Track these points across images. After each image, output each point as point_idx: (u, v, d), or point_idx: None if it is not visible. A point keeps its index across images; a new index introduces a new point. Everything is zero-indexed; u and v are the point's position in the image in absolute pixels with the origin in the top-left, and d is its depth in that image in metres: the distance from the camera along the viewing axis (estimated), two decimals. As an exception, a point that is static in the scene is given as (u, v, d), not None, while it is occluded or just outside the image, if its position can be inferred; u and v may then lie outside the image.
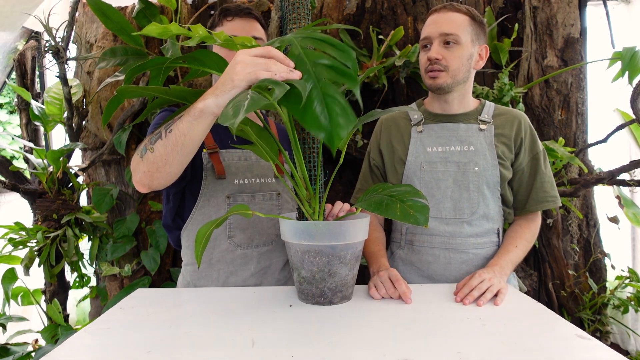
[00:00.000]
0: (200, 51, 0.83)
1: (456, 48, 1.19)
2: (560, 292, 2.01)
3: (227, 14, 1.24)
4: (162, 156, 0.89)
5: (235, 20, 1.23)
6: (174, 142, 0.87)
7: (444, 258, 1.24)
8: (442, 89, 1.23)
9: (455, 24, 1.19)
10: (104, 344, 0.80)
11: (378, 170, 1.39)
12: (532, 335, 0.80)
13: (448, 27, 1.19)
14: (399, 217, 0.83)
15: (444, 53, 1.20)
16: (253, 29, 1.24)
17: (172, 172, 0.93)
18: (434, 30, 1.20)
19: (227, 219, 0.97)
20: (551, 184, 1.27)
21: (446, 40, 1.19)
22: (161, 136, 0.88)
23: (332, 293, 0.97)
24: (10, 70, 2.34)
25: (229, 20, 1.23)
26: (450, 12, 1.20)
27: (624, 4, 2.33)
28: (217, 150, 1.22)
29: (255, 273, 1.24)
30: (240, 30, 1.22)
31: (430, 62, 1.21)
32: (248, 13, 1.24)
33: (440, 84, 1.22)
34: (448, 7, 1.21)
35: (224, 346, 0.77)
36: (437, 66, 1.20)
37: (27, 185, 2.02)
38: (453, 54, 1.20)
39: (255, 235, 1.25)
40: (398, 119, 1.35)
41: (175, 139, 0.86)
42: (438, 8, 1.23)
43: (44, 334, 1.93)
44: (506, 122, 1.26)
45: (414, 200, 0.86)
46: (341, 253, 0.95)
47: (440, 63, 1.20)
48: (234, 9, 1.24)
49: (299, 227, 0.94)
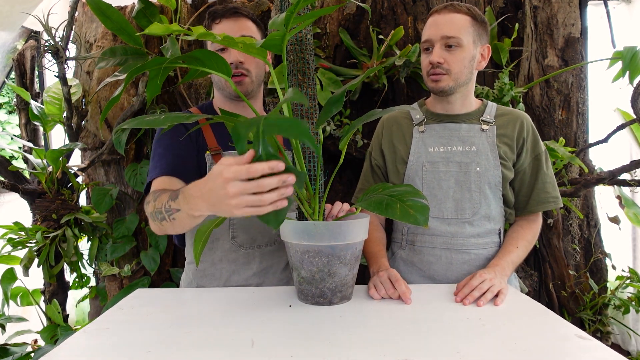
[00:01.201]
0: (201, 51, 0.82)
1: (458, 51, 1.18)
2: (560, 292, 2.00)
3: (215, 16, 1.22)
4: (169, 227, 0.99)
5: (223, 22, 1.21)
6: (178, 225, 0.96)
7: (445, 258, 1.24)
8: (445, 92, 1.23)
9: (456, 26, 1.18)
10: (103, 344, 0.79)
11: (379, 170, 1.38)
12: (532, 336, 0.80)
13: (449, 29, 1.17)
14: (399, 217, 0.83)
15: (445, 56, 1.19)
16: (243, 27, 1.22)
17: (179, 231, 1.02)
18: (435, 33, 1.19)
19: (226, 218, 0.97)
20: (553, 184, 1.26)
21: (448, 44, 1.18)
22: (165, 219, 0.97)
23: (332, 293, 0.97)
24: (9, 70, 2.34)
25: (217, 23, 1.22)
26: (451, 13, 1.19)
27: (624, 4, 2.33)
28: (220, 152, 1.22)
29: (257, 272, 1.24)
30: (229, 31, 1.20)
31: (432, 66, 1.20)
32: (235, 12, 1.22)
33: (442, 87, 1.21)
34: (449, 7, 1.20)
35: (223, 346, 0.77)
36: (439, 70, 1.20)
37: (26, 185, 2.01)
38: (455, 57, 1.19)
39: (258, 235, 1.24)
40: (400, 119, 1.35)
41: (177, 223, 0.95)
42: (439, 9, 1.21)
43: (43, 334, 1.93)
44: (508, 123, 1.26)
45: (414, 200, 0.86)
46: (341, 253, 0.94)
47: (442, 66, 1.19)
48: (220, 11, 1.22)
49: (298, 227, 0.94)
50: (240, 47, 0.87)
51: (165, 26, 0.77)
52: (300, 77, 1.01)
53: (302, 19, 0.86)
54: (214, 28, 1.22)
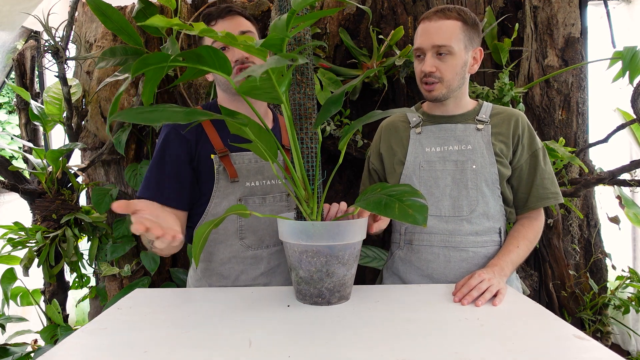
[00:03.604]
0: (204, 47, 0.81)
1: (449, 58, 1.19)
2: (560, 292, 2.00)
3: (210, 18, 1.22)
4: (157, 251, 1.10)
5: (219, 22, 1.21)
6: (157, 251, 1.08)
7: (443, 256, 1.24)
8: (438, 99, 1.24)
9: (446, 34, 1.17)
10: (101, 344, 0.79)
11: (376, 174, 1.41)
12: (530, 336, 0.80)
13: (439, 38, 1.17)
14: (398, 216, 0.82)
15: (437, 64, 1.20)
16: (238, 25, 1.22)
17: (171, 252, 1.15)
18: (425, 42, 1.20)
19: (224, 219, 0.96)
20: (552, 180, 1.26)
21: (439, 52, 1.18)
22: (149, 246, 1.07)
23: (330, 293, 0.97)
24: (9, 70, 2.34)
25: (213, 24, 1.22)
26: (440, 21, 1.18)
27: (624, 4, 2.33)
28: (228, 154, 1.21)
29: (265, 272, 1.25)
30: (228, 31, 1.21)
31: (425, 74, 1.21)
32: (229, 11, 1.22)
33: (436, 95, 1.23)
34: (439, 14, 1.19)
35: (221, 346, 0.77)
36: (431, 78, 1.21)
37: (26, 185, 2.01)
38: (447, 65, 1.19)
39: (266, 236, 1.25)
40: (397, 123, 1.36)
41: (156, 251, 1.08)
42: (429, 15, 1.21)
43: (43, 334, 1.93)
44: (503, 121, 1.27)
45: (413, 199, 0.85)
46: (339, 253, 0.94)
47: (435, 75, 1.20)
48: (215, 12, 1.22)
49: (297, 227, 0.94)
50: (242, 47, 0.87)
51: (167, 20, 0.77)
52: (298, 76, 1.01)
53: (303, 19, 0.86)
54: None
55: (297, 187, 0.97)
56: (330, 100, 0.96)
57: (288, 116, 0.93)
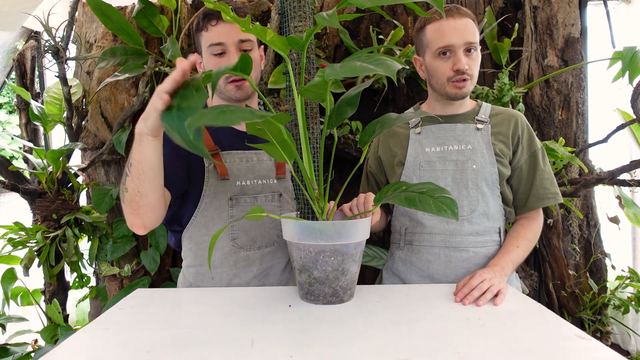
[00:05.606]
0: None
1: (475, 55, 1.21)
2: (560, 292, 2.01)
3: (211, 17, 1.18)
4: (135, 190, 0.96)
5: (220, 24, 1.18)
6: (137, 172, 0.94)
7: (444, 257, 1.24)
8: (465, 96, 1.24)
9: (473, 31, 1.19)
10: (102, 344, 0.79)
11: (373, 178, 1.42)
12: (532, 336, 0.80)
13: (470, 35, 1.18)
14: (434, 210, 0.87)
15: (468, 62, 1.20)
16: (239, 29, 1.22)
17: (151, 202, 0.99)
18: (458, 39, 1.18)
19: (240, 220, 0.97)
20: (551, 180, 1.27)
21: (468, 48, 1.19)
22: (127, 173, 0.96)
23: (343, 291, 0.98)
24: (9, 70, 2.34)
25: (213, 25, 1.18)
26: (464, 18, 1.19)
27: (624, 4, 2.33)
28: (219, 152, 1.21)
29: (258, 275, 1.24)
30: (226, 34, 1.17)
31: (456, 72, 1.20)
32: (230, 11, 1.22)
33: (465, 93, 1.23)
34: (460, 12, 1.19)
35: (223, 346, 0.77)
36: (465, 76, 1.20)
37: (26, 185, 2.01)
38: (474, 62, 1.21)
39: (258, 237, 1.24)
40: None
41: (136, 169, 0.94)
42: (452, 13, 1.19)
43: (44, 334, 1.93)
44: (503, 121, 1.27)
45: (444, 195, 0.89)
46: (353, 251, 0.96)
47: (467, 72, 1.20)
48: (217, 12, 1.17)
49: (315, 228, 0.94)
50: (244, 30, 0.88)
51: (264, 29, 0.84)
52: (306, 76, 1.02)
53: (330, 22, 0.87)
54: (210, 30, 1.19)
55: (308, 186, 0.98)
56: (344, 101, 0.97)
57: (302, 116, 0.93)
